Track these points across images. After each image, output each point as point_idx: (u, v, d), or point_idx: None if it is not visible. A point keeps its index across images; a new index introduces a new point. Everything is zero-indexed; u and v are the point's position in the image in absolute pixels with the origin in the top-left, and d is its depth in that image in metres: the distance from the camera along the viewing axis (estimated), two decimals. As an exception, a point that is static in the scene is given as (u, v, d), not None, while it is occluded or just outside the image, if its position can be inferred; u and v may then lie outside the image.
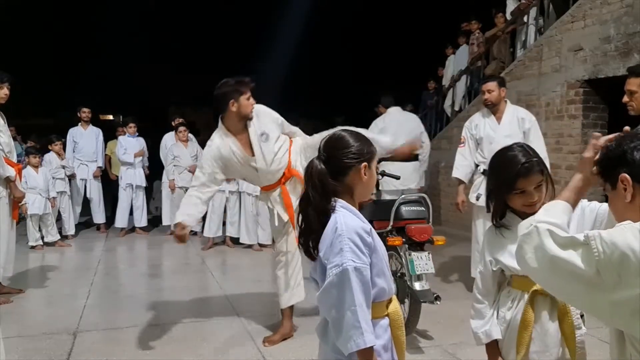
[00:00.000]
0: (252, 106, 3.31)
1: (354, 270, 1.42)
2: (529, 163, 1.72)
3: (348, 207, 1.54)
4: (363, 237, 1.47)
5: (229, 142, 3.32)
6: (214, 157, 3.31)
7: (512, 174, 1.73)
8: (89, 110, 7.71)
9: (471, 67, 8.84)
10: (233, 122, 3.32)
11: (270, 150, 3.35)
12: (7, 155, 4.18)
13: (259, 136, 3.33)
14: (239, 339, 3.54)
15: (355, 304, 1.40)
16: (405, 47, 19.23)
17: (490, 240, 1.87)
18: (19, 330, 3.60)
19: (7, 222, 4.17)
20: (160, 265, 5.97)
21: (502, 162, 1.80)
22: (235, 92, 3.24)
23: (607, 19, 5.69)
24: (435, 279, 4.70)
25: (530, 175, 1.72)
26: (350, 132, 1.63)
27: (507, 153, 1.78)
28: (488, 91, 4.26)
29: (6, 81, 4.11)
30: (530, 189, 1.73)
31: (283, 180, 3.42)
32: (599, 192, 6.17)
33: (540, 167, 1.74)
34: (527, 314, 1.75)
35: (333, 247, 1.45)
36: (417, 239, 3.48)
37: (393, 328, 1.54)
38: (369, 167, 1.57)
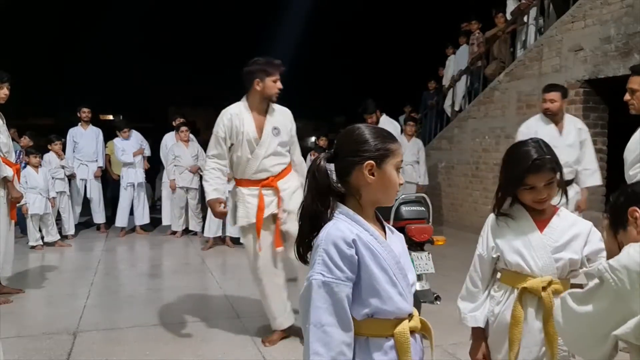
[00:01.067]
0: (277, 89, 3.31)
1: (322, 284, 1.28)
2: (541, 160, 1.71)
3: (348, 213, 1.36)
4: (341, 248, 1.29)
5: (245, 115, 3.30)
6: (225, 124, 3.29)
7: (522, 169, 1.72)
8: (89, 110, 7.70)
9: (471, 67, 8.84)
10: (255, 101, 3.32)
11: (274, 145, 3.33)
12: (5, 155, 4.17)
13: (272, 128, 3.33)
14: (239, 339, 3.54)
15: (310, 322, 1.28)
16: (406, 47, 19.23)
17: (493, 227, 1.88)
18: (19, 330, 3.60)
19: (5, 222, 4.17)
20: (161, 265, 5.96)
21: (514, 156, 1.78)
22: (262, 72, 3.25)
23: (608, 19, 5.69)
24: (435, 279, 4.69)
25: (541, 172, 1.71)
26: (367, 126, 1.42)
27: (521, 148, 1.77)
28: (551, 101, 4.24)
29: (6, 81, 4.11)
30: (539, 186, 1.72)
31: (264, 183, 3.34)
32: (600, 193, 6.17)
33: (552, 165, 1.72)
34: (516, 310, 1.77)
35: (311, 259, 1.34)
36: (417, 239, 3.48)
37: (399, 352, 1.36)
38: (379, 167, 1.35)
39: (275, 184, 3.33)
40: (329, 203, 1.37)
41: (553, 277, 1.75)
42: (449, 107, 9.48)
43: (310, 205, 1.37)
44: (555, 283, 1.75)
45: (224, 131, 3.29)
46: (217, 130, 3.32)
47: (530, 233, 1.79)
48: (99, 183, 7.72)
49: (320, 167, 1.37)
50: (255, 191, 3.31)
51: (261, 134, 3.30)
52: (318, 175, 1.37)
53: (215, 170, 3.34)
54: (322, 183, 1.37)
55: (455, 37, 9.69)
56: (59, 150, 7.05)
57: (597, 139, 6.18)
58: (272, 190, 3.33)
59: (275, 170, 3.35)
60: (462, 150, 8.34)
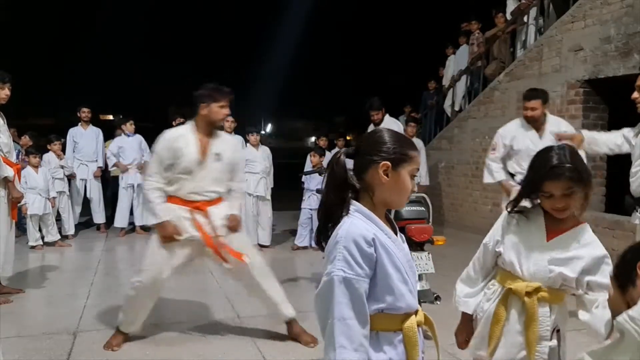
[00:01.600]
0: (223, 115, 3.37)
1: (343, 280, 1.33)
2: (560, 167, 1.67)
3: (363, 211, 1.41)
4: (361, 246, 1.35)
5: (190, 137, 3.33)
6: (168, 144, 3.30)
7: (541, 174, 1.70)
8: (89, 110, 7.70)
9: (471, 67, 8.85)
10: (201, 124, 3.37)
11: (214, 170, 3.36)
12: (6, 155, 4.17)
13: (215, 153, 3.36)
14: (239, 339, 3.54)
15: (334, 317, 1.32)
16: (406, 47, 19.21)
17: (505, 222, 1.87)
18: (19, 330, 3.60)
19: (5, 222, 4.16)
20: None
21: (537, 160, 1.77)
22: (209, 98, 3.31)
23: (607, 19, 5.69)
24: (435, 279, 4.69)
25: (558, 180, 1.67)
26: (388, 131, 1.48)
27: (545, 154, 1.75)
28: (532, 109, 4.22)
29: (7, 81, 4.11)
30: (557, 194, 1.69)
31: (195, 206, 3.33)
32: (600, 193, 6.16)
33: (572, 175, 1.66)
34: (499, 308, 1.80)
35: (329, 255, 1.39)
36: (417, 239, 3.48)
37: (407, 345, 1.43)
38: (394, 169, 1.40)
39: (205, 208, 3.33)
40: (345, 197, 1.42)
41: (543, 284, 1.75)
42: (449, 107, 9.48)
43: (327, 197, 1.44)
44: (543, 290, 1.75)
45: (164, 149, 3.29)
46: (158, 150, 3.32)
47: (536, 237, 1.78)
48: (99, 183, 7.72)
49: (340, 160, 1.43)
50: (187, 212, 3.31)
51: (203, 157, 3.33)
52: (336, 168, 1.42)
53: (155, 190, 3.30)
54: (339, 176, 1.42)
55: (455, 37, 9.70)
56: (58, 150, 7.05)
57: (597, 139, 6.18)
58: (201, 214, 3.33)
59: (209, 196, 3.37)
60: (462, 150, 8.35)
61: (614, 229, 5.45)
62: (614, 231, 5.44)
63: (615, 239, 5.33)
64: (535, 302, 1.74)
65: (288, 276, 5.32)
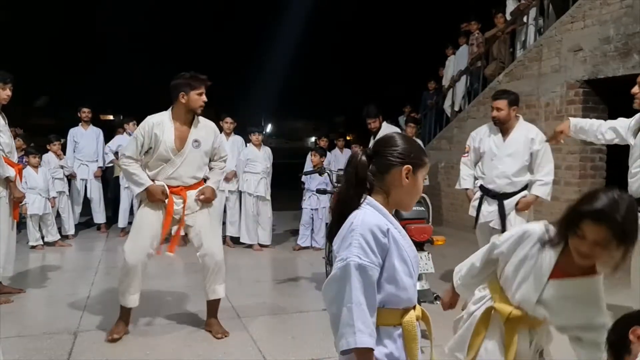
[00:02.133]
0: (202, 102, 3.46)
1: (358, 266, 1.37)
2: (605, 215, 1.49)
3: (376, 205, 1.48)
4: (377, 235, 1.41)
5: (167, 125, 3.43)
6: (146, 130, 3.41)
7: (584, 211, 1.54)
8: (89, 110, 7.70)
9: (471, 68, 8.85)
10: (180, 113, 3.46)
11: (192, 157, 3.48)
12: (7, 156, 4.18)
13: (193, 140, 3.47)
14: (239, 339, 3.54)
15: (352, 301, 1.36)
16: (406, 47, 19.22)
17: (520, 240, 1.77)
18: (20, 330, 3.60)
19: (7, 222, 4.17)
20: (161, 265, 5.96)
21: (590, 195, 1.59)
22: (187, 86, 3.40)
23: (607, 19, 5.69)
24: (435, 278, 4.70)
25: (598, 225, 1.50)
26: (402, 135, 1.58)
27: (602, 192, 1.56)
28: (497, 109, 4.08)
29: (9, 82, 4.12)
30: (590, 238, 1.52)
31: (174, 190, 3.46)
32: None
33: (615, 229, 1.48)
34: (480, 322, 1.82)
35: (344, 242, 1.43)
36: (416, 239, 3.49)
37: (406, 340, 1.47)
38: (414, 173, 1.49)
39: (184, 193, 3.47)
40: (362, 192, 1.50)
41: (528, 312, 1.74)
42: (448, 107, 9.48)
43: (347, 193, 1.50)
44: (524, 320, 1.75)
45: (142, 136, 3.41)
46: (137, 134, 3.45)
47: (539, 268, 1.69)
48: (100, 183, 7.72)
49: (362, 161, 1.50)
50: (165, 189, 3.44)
51: (180, 145, 3.44)
52: (359, 167, 1.50)
53: (133, 162, 3.43)
54: (361, 175, 1.49)
55: (455, 37, 9.70)
56: (58, 150, 7.06)
57: (597, 139, 6.19)
58: (179, 198, 3.47)
59: (187, 182, 3.50)
60: (462, 151, 8.31)
61: (614, 229, 5.46)
62: (614, 231, 5.45)
63: (614, 239, 5.34)
64: (514, 330, 1.73)
65: (288, 276, 5.33)
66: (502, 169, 4.09)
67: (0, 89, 4.08)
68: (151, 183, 3.39)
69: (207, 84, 3.48)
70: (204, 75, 3.51)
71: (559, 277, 1.68)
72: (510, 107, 4.06)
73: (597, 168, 6.17)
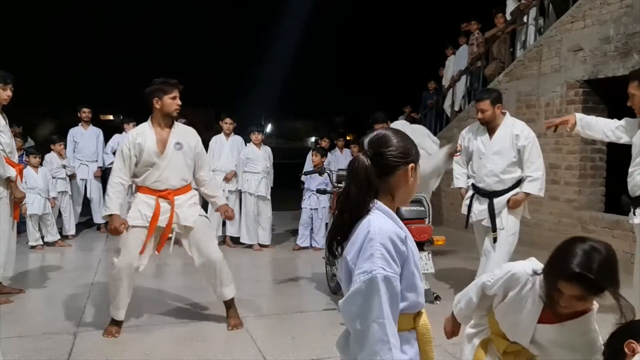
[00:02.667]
0: (176, 105, 3.56)
1: (384, 279, 1.31)
2: (579, 276, 1.49)
3: (385, 210, 1.43)
4: (397, 244, 1.36)
5: (147, 132, 3.56)
6: (130, 141, 3.54)
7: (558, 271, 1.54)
8: (89, 110, 7.71)
9: (471, 68, 8.85)
10: (157, 118, 3.58)
11: (176, 159, 3.57)
12: (8, 156, 4.18)
13: (175, 143, 3.57)
14: (239, 339, 3.54)
15: (383, 317, 1.29)
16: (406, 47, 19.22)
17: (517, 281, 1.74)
18: (20, 330, 3.60)
19: (7, 222, 4.17)
20: (160, 265, 5.96)
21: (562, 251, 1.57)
22: (160, 91, 3.51)
23: (607, 19, 5.69)
24: (435, 278, 4.70)
25: (572, 285, 1.51)
26: (394, 131, 1.51)
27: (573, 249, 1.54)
28: (481, 111, 4.06)
29: (10, 82, 4.11)
30: (567, 295, 1.54)
31: (161, 194, 3.54)
32: (599, 193, 6.14)
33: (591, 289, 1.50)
34: (478, 352, 1.83)
35: (363, 252, 1.34)
36: (417, 239, 3.48)
37: (421, 343, 1.45)
38: (415, 169, 1.47)
39: (171, 197, 3.55)
40: (371, 195, 1.43)
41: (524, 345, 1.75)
42: (448, 107, 9.48)
43: (357, 198, 1.42)
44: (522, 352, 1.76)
45: (128, 148, 3.53)
46: (122, 147, 3.58)
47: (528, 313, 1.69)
48: (99, 183, 7.72)
49: (368, 165, 1.43)
50: (152, 200, 3.53)
51: (163, 148, 3.55)
52: (366, 172, 1.42)
53: (118, 185, 3.52)
54: (363, 177, 1.42)
55: (455, 37, 9.70)
56: (61, 150, 7.07)
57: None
58: (167, 202, 3.54)
59: (174, 184, 3.58)
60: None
61: (614, 229, 5.46)
62: (614, 231, 5.45)
63: (615, 239, 5.34)
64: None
65: (288, 276, 5.32)
66: (490, 167, 4.07)
67: (1, 90, 4.08)
68: (117, 212, 3.45)
69: (180, 88, 3.58)
70: (175, 79, 3.61)
71: (549, 322, 1.67)
72: (494, 106, 4.03)
73: (597, 168, 6.17)
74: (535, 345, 1.71)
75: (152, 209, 3.51)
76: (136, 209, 3.53)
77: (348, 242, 1.43)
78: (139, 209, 3.53)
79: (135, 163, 3.54)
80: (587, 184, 6.09)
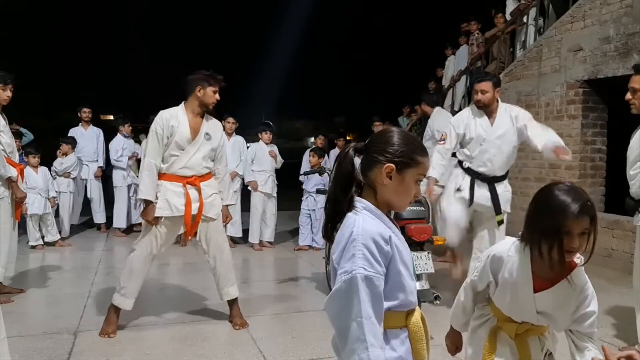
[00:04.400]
0: (215, 99, 3.63)
1: (364, 278, 1.31)
2: (585, 206, 1.56)
3: (371, 208, 1.41)
4: (380, 244, 1.35)
5: (181, 117, 3.58)
6: (163, 123, 3.55)
7: (563, 214, 1.56)
8: (89, 110, 7.71)
9: (471, 68, 8.86)
10: (194, 106, 3.61)
11: (204, 148, 3.62)
12: (9, 156, 4.18)
13: (205, 133, 3.62)
14: (239, 339, 3.54)
15: (361, 315, 1.30)
16: (406, 47, 19.22)
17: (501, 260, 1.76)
18: (20, 330, 3.60)
19: (9, 222, 4.17)
20: (161, 265, 5.96)
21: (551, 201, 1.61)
22: (205, 81, 3.57)
23: (607, 19, 5.70)
24: (435, 278, 4.70)
25: (583, 218, 1.55)
26: (400, 132, 1.46)
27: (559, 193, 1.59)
28: (482, 91, 3.98)
29: (9, 82, 4.11)
30: (576, 233, 1.57)
31: (188, 181, 3.57)
32: (599, 192, 6.13)
33: (591, 213, 1.57)
34: (488, 342, 1.80)
35: (346, 252, 1.35)
36: (416, 239, 3.49)
37: (413, 341, 1.45)
38: (398, 172, 1.40)
39: (198, 183, 3.59)
40: (350, 191, 1.42)
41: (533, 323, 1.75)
42: (448, 107, 9.49)
43: (334, 193, 1.44)
44: (531, 329, 1.76)
45: (162, 128, 3.53)
46: (156, 128, 3.56)
47: (523, 287, 1.70)
48: (100, 183, 7.72)
49: (348, 155, 1.43)
50: (179, 187, 3.55)
51: (194, 135, 3.58)
52: (343, 162, 1.43)
53: (153, 167, 3.52)
54: (344, 170, 1.42)
55: (455, 37, 9.71)
56: (69, 150, 7.13)
57: (597, 138, 6.20)
58: (194, 189, 3.57)
59: (200, 171, 3.62)
60: (461, 151, 8.34)
61: (614, 229, 5.46)
62: (614, 231, 5.45)
63: (614, 239, 5.34)
64: (525, 341, 1.75)
65: (288, 276, 5.33)
66: (494, 152, 3.99)
67: (1, 90, 4.08)
68: (152, 198, 3.48)
69: (222, 85, 3.65)
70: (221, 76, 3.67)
71: (544, 288, 1.69)
72: (494, 89, 3.99)
73: (597, 168, 6.17)
74: (542, 315, 1.72)
75: (181, 197, 3.52)
76: (164, 198, 3.52)
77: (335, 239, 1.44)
78: (166, 198, 3.51)
79: (166, 145, 3.54)
80: (587, 184, 6.09)
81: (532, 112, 6.62)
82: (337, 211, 1.43)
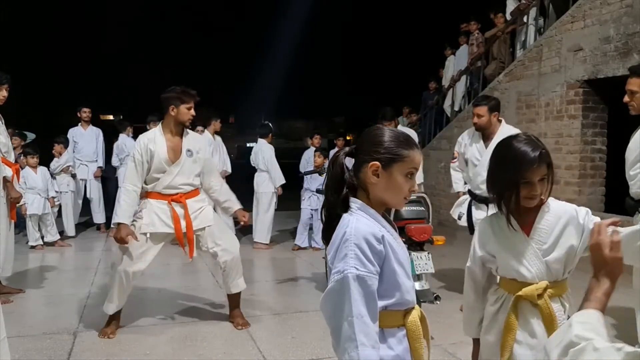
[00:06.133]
0: (190, 116, 3.61)
1: (356, 278, 1.33)
2: (542, 154, 1.68)
3: (366, 208, 1.43)
4: (372, 244, 1.36)
5: (159, 139, 3.58)
6: (142, 148, 3.54)
7: (522, 164, 1.67)
8: (89, 110, 7.71)
9: (471, 68, 8.85)
10: (170, 125, 3.61)
11: (187, 165, 3.62)
12: (4, 156, 4.18)
13: (187, 150, 3.62)
14: (239, 339, 3.54)
15: (352, 315, 1.32)
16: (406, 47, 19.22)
17: (485, 232, 1.84)
18: (20, 330, 3.60)
19: (4, 222, 4.16)
20: (161, 265, 5.96)
21: (508, 153, 1.73)
22: (177, 100, 3.54)
23: (607, 19, 5.69)
24: (435, 278, 4.70)
25: (540, 166, 1.67)
26: (387, 129, 1.48)
27: (515, 144, 1.72)
28: (477, 115, 4.05)
29: (5, 82, 4.11)
30: (535, 180, 1.68)
31: (173, 198, 3.57)
32: (599, 193, 6.12)
33: (547, 160, 1.69)
34: (510, 317, 1.76)
35: (339, 252, 1.37)
36: (416, 239, 3.48)
37: (411, 340, 1.46)
38: (384, 169, 1.41)
39: (183, 200, 3.59)
40: (343, 194, 1.44)
41: (548, 280, 1.73)
42: (448, 107, 9.49)
43: (328, 195, 1.46)
44: (550, 287, 1.73)
45: (140, 154, 3.53)
46: (134, 153, 3.58)
47: (516, 238, 1.75)
48: (99, 183, 7.73)
49: (338, 159, 1.46)
50: (164, 204, 3.56)
51: (175, 155, 3.57)
52: (333, 166, 1.46)
53: (132, 192, 3.50)
54: (335, 174, 1.45)
55: (455, 37, 9.71)
56: (62, 150, 7.11)
57: (597, 138, 6.19)
58: (179, 206, 3.58)
59: (185, 189, 3.62)
60: (461, 151, 8.34)
61: (614, 229, 5.46)
62: (614, 231, 5.45)
63: (614, 239, 5.33)
64: (548, 301, 1.72)
65: (288, 276, 5.33)
66: (485, 176, 4.04)
67: (-3, 90, 4.07)
68: (126, 222, 3.43)
69: (197, 100, 3.63)
70: (194, 90, 3.65)
71: (530, 227, 1.76)
72: (490, 114, 4.02)
73: (597, 168, 6.17)
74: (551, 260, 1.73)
75: (167, 214, 3.54)
76: (151, 215, 3.53)
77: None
78: (155, 214, 3.53)
79: (148, 169, 3.54)
80: (587, 184, 6.09)
81: (532, 112, 6.66)
82: (332, 214, 1.45)
